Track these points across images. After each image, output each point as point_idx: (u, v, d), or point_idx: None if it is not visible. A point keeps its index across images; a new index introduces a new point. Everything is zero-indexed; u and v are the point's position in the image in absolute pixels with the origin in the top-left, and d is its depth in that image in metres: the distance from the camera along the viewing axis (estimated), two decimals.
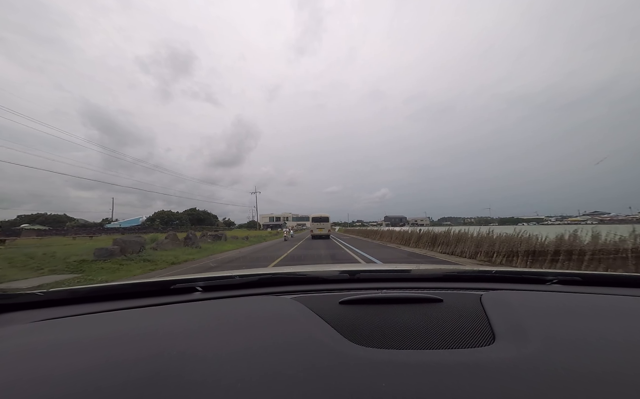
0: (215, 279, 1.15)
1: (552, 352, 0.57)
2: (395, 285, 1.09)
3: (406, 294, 0.92)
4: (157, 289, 1.05)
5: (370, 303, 0.85)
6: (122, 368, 0.53)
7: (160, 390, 0.47)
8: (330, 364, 0.53)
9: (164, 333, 0.68)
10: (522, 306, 0.80)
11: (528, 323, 0.68)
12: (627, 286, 1.06)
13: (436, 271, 1.24)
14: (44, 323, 0.80)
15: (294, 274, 1.20)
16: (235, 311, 0.85)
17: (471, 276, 1.18)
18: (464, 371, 0.51)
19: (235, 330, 0.70)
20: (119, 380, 0.49)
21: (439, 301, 0.83)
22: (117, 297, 1.01)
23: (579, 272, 1.13)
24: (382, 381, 0.49)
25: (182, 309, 0.89)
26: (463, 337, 0.65)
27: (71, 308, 0.93)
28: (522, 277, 1.16)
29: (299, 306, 0.81)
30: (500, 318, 0.71)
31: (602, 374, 0.51)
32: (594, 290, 1.02)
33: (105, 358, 0.57)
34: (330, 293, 0.97)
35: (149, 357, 0.57)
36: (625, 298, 0.92)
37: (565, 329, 0.67)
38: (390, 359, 0.55)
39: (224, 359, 0.55)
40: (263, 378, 0.50)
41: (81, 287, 1.04)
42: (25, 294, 0.96)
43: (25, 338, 0.70)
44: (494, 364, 0.53)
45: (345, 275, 1.20)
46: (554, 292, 0.98)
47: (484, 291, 0.93)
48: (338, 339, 0.64)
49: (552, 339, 0.61)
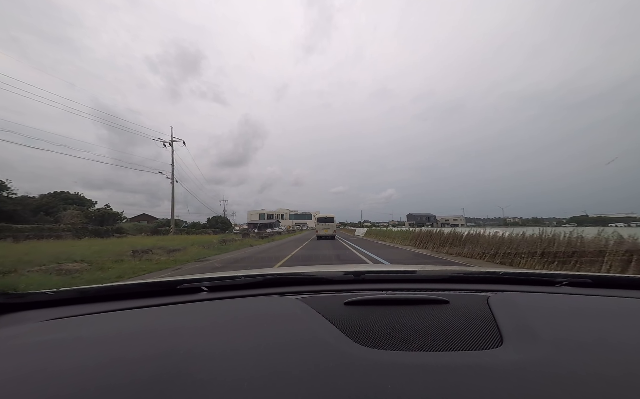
0: (221, 280, 1.16)
1: (562, 355, 0.56)
2: (400, 286, 1.09)
3: (412, 295, 0.92)
4: (164, 289, 1.06)
5: (375, 304, 0.85)
6: (130, 366, 0.54)
7: (168, 388, 0.47)
8: (336, 365, 0.53)
9: (170, 332, 0.69)
10: (531, 307, 0.79)
11: (537, 325, 0.67)
12: (638, 288, 1.03)
13: (442, 272, 1.23)
14: (53, 321, 0.82)
15: (299, 274, 1.20)
16: (241, 311, 0.85)
17: (478, 277, 1.16)
18: (471, 373, 0.51)
19: (241, 330, 0.70)
20: (128, 378, 0.50)
21: (445, 303, 0.83)
22: (125, 297, 1.02)
23: (589, 274, 1.11)
24: (388, 383, 0.48)
25: (188, 309, 0.90)
26: (470, 339, 0.64)
27: (80, 307, 0.94)
28: (531, 279, 1.14)
29: (304, 307, 0.81)
30: (508, 320, 0.70)
31: (613, 378, 0.50)
32: (605, 292, 1.00)
33: (114, 356, 0.58)
34: (336, 294, 0.97)
35: (157, 356, 0.57)
36: (636, 301, 0.90)
37: (574, 332, 0.66)
38: (396, 361, 0.55)
39: (230, 359, 0.56)
40: (269, 377, 0.50)
41: (90, 287, 1.06)
42: (35, 293, 0.98)
43: (35, 336, 0.72)
44: (502, 367, 0.52)
45: (350, 276, 1.20)
46: (564, 294, 0.96)
47: (492, 293, 0.92)
48: (343, 340, 0.63)
49: (562, 342, 0.60)
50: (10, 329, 0.78)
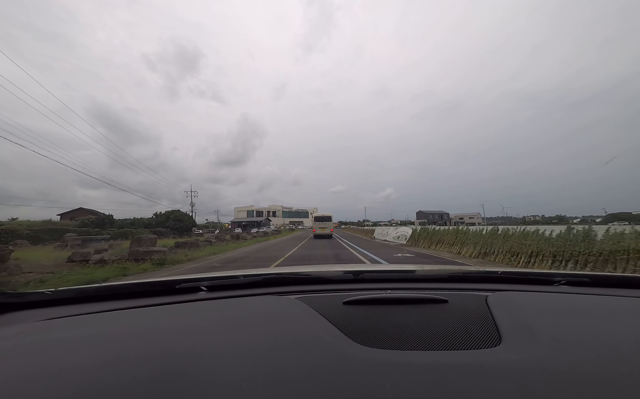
0: (220, 279, 1.16)
1: (560, 353, 0.56)
2: (399, 286, 1.09)
3: (411, 294, 0.92)
4: (163, 289, 1.06)
5: (374, 303, 0.85)
6: (128, 365, 0.54)
7: (167, 388, 0.47)
8: (335, 364, 0.53)
9: (169, 332, 0.69)
10: (529, 307, 0.79)
11: (535, 324, 0.67)
12: (636, 287, 1.04)
13: (441, 271, 1.24)
14: (52, 321, 0.81)
15: (298, 274, 1.20)
16: (240, 310, 0.85)
17: (477, 276, 1.16)
18: (469, 372, 0.51)
19: (240, 329, 0.70)
20: (126, 378, 0.50)
21: (444, 302, 0.83)
22: (123, 297, 1.02)
23: (587, 273, 1.12)
24: (387, 382, 0.48)
25: (187, 309, 0.90)
26: (469, 338, 0.64)
27: (79, 306, 0.94)
28: (529, 278, 1.15)
29: (303, 306, 0.81)
30: (506, 319, 0.71)
31: (611, 377, 0.50)
32: (603, 291, 1.00)
33: (112, 355, 0.58)
34: (334, 293, 0.97)
35: (155, 355, 0.57)
36: (635, 299, 0.91)
37: (573, 331, 0.66)
38: (395, 360, 0.55)
39: (229, 358, 0.56)
40: (268, 377, 0.50)
41: (88, 286, 1.05)
42: (33, 293, 0.97)
43: (34, 336, 0.72)
44: (501, 366, 0.52)
45: (349, 275, 1.20)
46: (562, 294, 0.97)
47: (490, 292, 0.93)
48: (342, 339, 0.64)
49: (560, 341, 0.61)
50: (9, 328, 0.78)
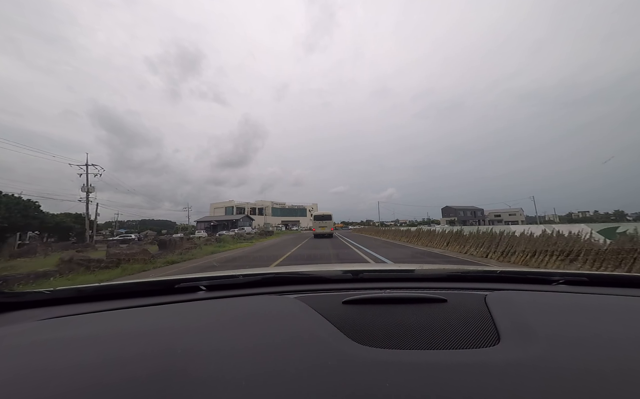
0: (219, 279, 1.16)
1: (558, 352, 0.56)
2: (398, 285, 1.09)
3: (410, 294, 0.92)
4: (162, 288, 1.06)
5: (373, 302, 0.85)
6: (128, 365, 0.54)
7: (166, 387, 0.47)
8: (334, 363, 0.53)
9: (169, 331, 0.69)
10: (528, 306, 0.79)
11: (533, 323, 0.68)
12: (634, 286, 1.04)
13: (440, 271, 1.24)
14: (51, 321, 0.81)
15: (297, 273, 1.20)
16: (239, 310, 0.85)
17: (475, 276, 1.17)
18: (468, 371, 0.51)
19: (239, 329, 0.70)
20: (125, 377, 0.50)
21: (443, 301, 0.83)
22: (122, 296, 1.02)
23: (585, 272, 1.12)
24: (386, 381, 0.48)
25: (186, 308, 0.90)
26: (467, 337, 0.65)
27: (77, 306, 0.94)
28: (528, 278, 1.15)
29: (302, 306, 0.81)
30: (505, 318, 0.71)
31: (609, 375, 0.50)
32: (601, 290, 1.00)
33: (112, 355, 0.58)
34: (334, 293, 0.97)
35: (155, 354, 0.57)
36: (632, 298, 0.91)
37: (571, 330, 0.67)
38: (394, 360, 0.55)
39: (228, 358, 0.56)
40: (267, 376, 0.50)
41: (87, 286, 1.05)
42: (32, 293, 0.97)
43: (32, 335, 0.71)
44: (499, 365, 0.53)
45: (349, 275, 1.20)
46: (560, 293, 0.97)
47: (489, 292, 0.93)
48: (341, 338, 0.64)
49: (558, 340, 0.61)
50: (7, 328, 0.78)
